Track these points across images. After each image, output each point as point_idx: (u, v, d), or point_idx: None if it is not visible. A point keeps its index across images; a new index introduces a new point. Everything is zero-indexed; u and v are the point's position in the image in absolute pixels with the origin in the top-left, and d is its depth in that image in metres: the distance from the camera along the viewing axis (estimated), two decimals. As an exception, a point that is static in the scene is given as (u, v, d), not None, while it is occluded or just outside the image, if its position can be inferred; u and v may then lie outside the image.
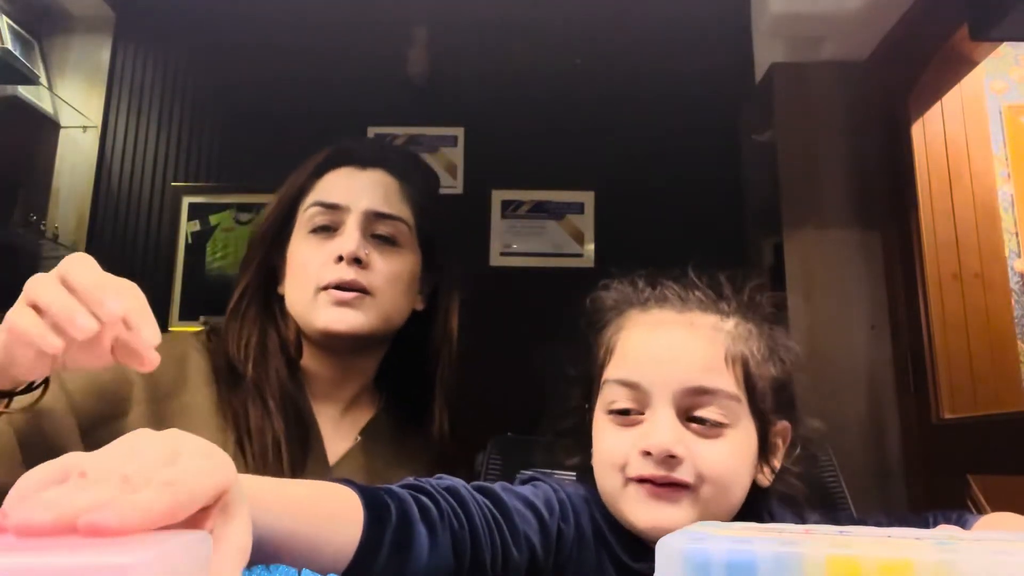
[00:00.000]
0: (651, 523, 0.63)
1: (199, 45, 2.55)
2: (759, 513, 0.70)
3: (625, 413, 0.67)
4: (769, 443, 0.70)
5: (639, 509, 0.64)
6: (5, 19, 2.17)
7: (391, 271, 0.97)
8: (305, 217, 0.98)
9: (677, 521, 0.62)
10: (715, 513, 0.64)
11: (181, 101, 2.53)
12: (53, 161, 2.42)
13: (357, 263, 0.94)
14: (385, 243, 0.98)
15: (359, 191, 0.98)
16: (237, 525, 0.36)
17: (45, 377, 0.67)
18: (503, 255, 2.42)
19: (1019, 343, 2.19)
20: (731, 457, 0.65)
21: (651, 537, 0.65)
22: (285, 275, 1.00)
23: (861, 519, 0.76)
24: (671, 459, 0.64)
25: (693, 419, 0.65)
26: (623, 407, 0.67)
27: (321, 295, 0.93)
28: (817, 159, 2.07)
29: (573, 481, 0.75)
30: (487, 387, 2.18)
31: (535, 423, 0.92)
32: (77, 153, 2.44)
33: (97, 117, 2.46)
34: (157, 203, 2.47)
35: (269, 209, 1.03)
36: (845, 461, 1.02)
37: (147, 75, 2.54)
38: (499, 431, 1.11)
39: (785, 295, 1.95)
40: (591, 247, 2.41)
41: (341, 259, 0.93)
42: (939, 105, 2.11)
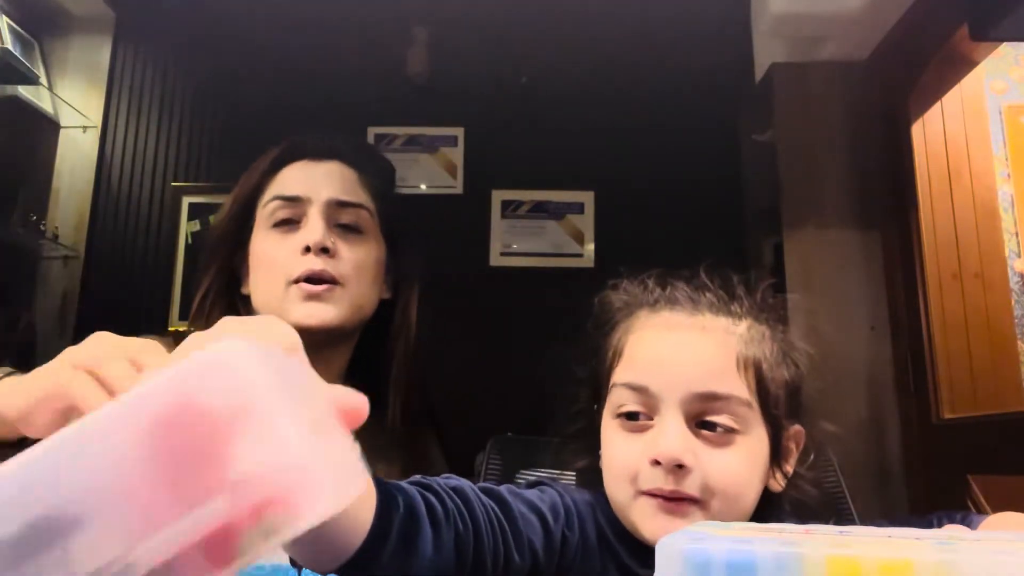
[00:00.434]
0: (662, 536, 0.62)
1: (199, 45, 2.55)
2: (770, 519, 0.69)
3: (634, 417, 0.66)
4: (782, 447, 0.69)
5: (649, 522, 0.64)
6: (5, 19, 2.17)
7: (358, 259, 0.96)
8: (265, 213, 0.98)
9: None
10: (727, 520, 0.63)
11: (181, 101, 2.53)
12: (53, 161, 2.42)
13: (325, 252, 0.93)
14: (349, 232, 0.98)
15: (318, 182, 0.98)
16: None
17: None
18: (503, 255, 2.42)
19: (1019, 343, 2.18)
20: (741, 466, 0.64)
21: None
22: (248, 275, 0.99)
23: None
24: (680, 468, 0.62)
25: (703, 424, 0.64)
26: (631, 410, 0.66)
27: (292, 289, 0.92)
28: (817, 159, 2.07)
29: (577, 487, 0.74)
30: (487, 387, 2.19)
31: (535, 423, 0.92)
32: (77, 153, 2.44)
33: (97, 117, 2.46)
34: (157, 203, 2.47)
35: (225, 209, 1.02)
36: (845, 461, 1.02)
37: (147, 75, 2.54)
38: (499, 431, 1.11)
39: (796, 298, 1.95)
40: (591, 247, 2.41)
41: (308, 250, 0.93)
42: (939, 105, 2.11)
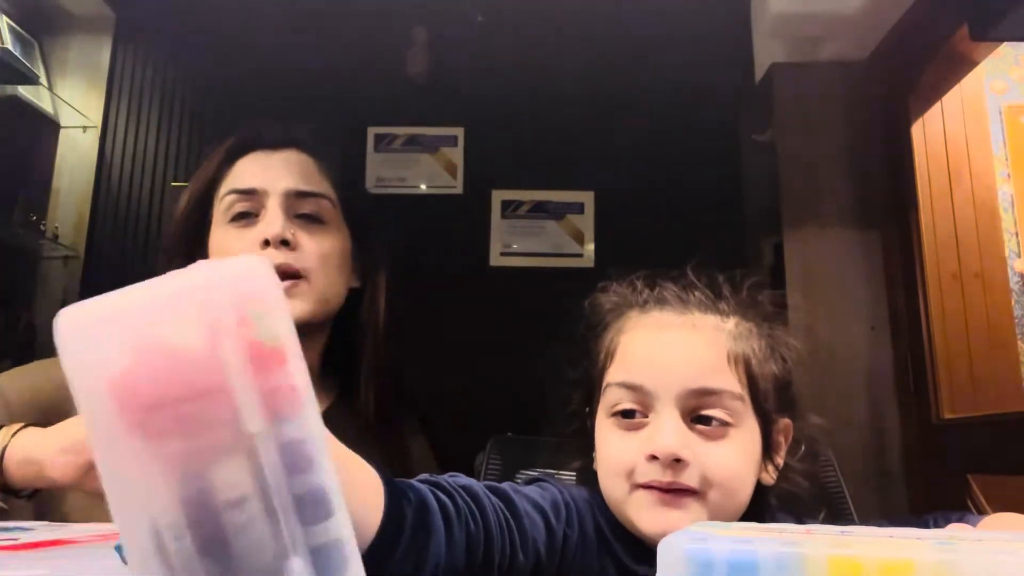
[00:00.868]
0: (659, 529, 0.62)
1: (199, 45, 2.55)
2: (763, 512, 0.70)
3: (629, 415, 0.67)
4: (772, 441, 0.70)
5: (646, 515, 0.64)
6: (5, 19, 2.17)
7: (321, 250, 0.93)
8: (222, 207, 0.94)
9: (685, 527, 0.62)
10: (722, 515, 0.64)
11: (181, 101, 2.53)
12: (53, 161, 2.42)
13: (285, 245, 0.90)
14: (310, 222, 0.95)
15: (275, 173, 0.95)
16: None
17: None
18: (503, 255, 2.42)
19: (1019, 343, 2.19)
20: (737, 459, 0.65)
21: (658, 542, 0.65)
22: None
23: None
24: (677, 463, 0.63)
25: (698, 420, 0.65)
26: (627, 408, 0.67)
27: None
28: (817, 159, 2.07)
29: (576, 483, 0.74)
30: (487, 387, 2.19)
31: (535, 423, 0.92)
32: (77, 153, 2.44)
33: (97, 117, 2.46)
34: (157, 203, 2.46)
35: (181, 205, 0.98)
36: (845, 461, 1.02)
37: (147, 75, 2.54)
38: (499, 431, 1.11)
39: (784, 293, 1.95)
40: (591, 247, 2.41)
41: (267, 244, 0.90)
42: (939, 105, 2.11)
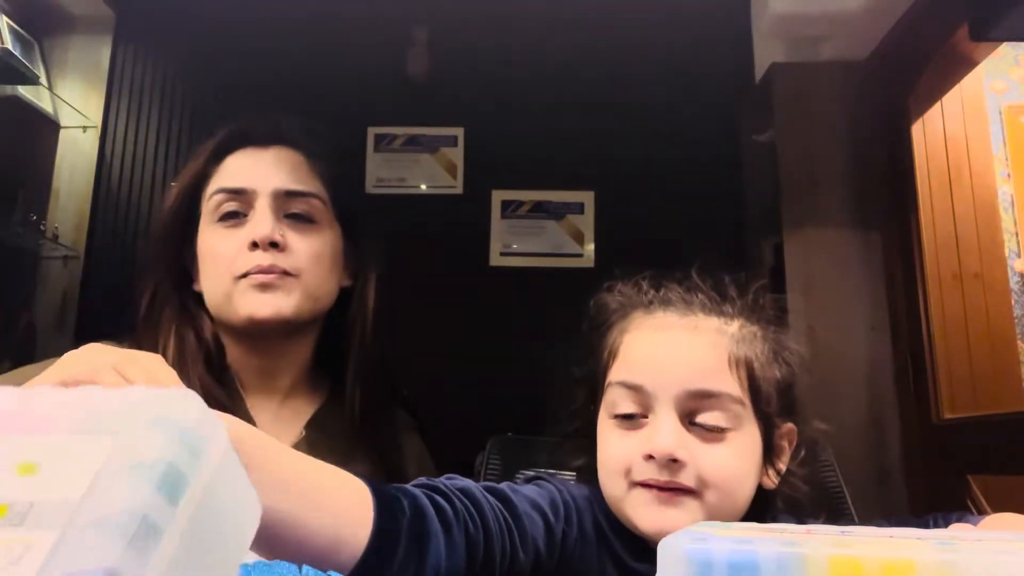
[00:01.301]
0: (656, 527, 0.63)
1: (199, 45, 2.55)
2: (764, 516, 0.70)
3: (629, 417, 0.67)
4: (774, 445, 0.70)
5: (644, 513, 0.64)
6: (5, 19, 2.17)
7: (311, 250, 0.92)
8: (210, 206, 0.92)
9: (682, 525, 0.62)
10: (720, 516, 0.64)
11: (181, 101, 2.53)
12: (53, 161, 2.42)
13: (274, 247, 0.88)
14: (301, 222, 0.93)
15: (265, 171, 0.92)
16: None
17: None
18: (503, 255, 2.42)
19: (1019, 343, 2.19)
20: (734, 461, 0.65)
21: (656, 541, 0.65)
22: (198, 271, 0.93)
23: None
24: (674, 463, 0.63)
25: (696, 423, 0.65)
26: (626, 411, 0.67)
27: (240, 283, 0.88)
28: (817, 159, 2.07)
29: (576, 482, 0.75)
30: (487, 387, 2.19)
31: (535, 423, 0.92)
32: (77, 153, 2.44)
33: (97, 117, 2.46)
34: (157, 203, 2.46)
35: (168, 203, 0.96)
36: (845, 461, 1.02)
37: (147, 75, 2.54)
38: (499, 431, 1.11)
39: (788, 298, 1.95)
40: (591, 247, 2.41)
41: (255, 245, 0.88)
42: (939, 105, 2.11)
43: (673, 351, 0.68)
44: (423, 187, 2.48)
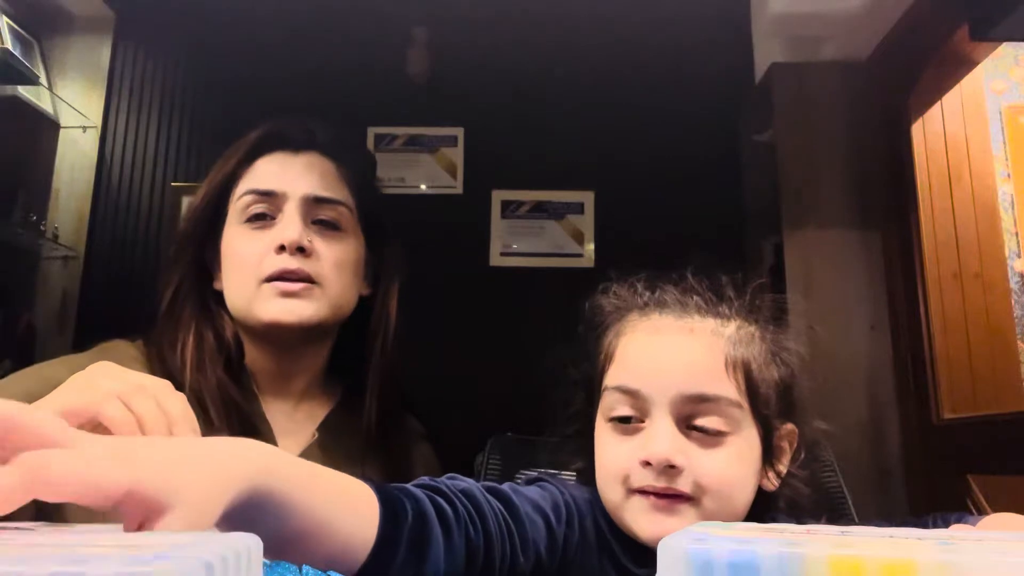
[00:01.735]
0: (654, 534, 0.63)
1: (199, 45, 2.55)
2: (764, 518, 0.69)
3: (626, 421, 0.67)
4: (774, 447, 0.69)
5: (642, 520, 0.64)
6: (5, 19, 2.17)
7: (336, 258, 0.92)
8: (238, 206, 0.92)
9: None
10: (719, 520, 0.64)
11: (181, 101, 2.54)
12: (53, 161, 2.42)
13: (300, 252, 0.89)
14: (327, 229, 0.93)
15: (295, 176, 0.93)
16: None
17: None
18: (503, 255, 2.42)
19: (1019, 343, 2.19)
20: (732, 466, 0.65)
21: (655, 547, 0.65)
22: (220, 269, 0.94)
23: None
24: (671, 469, 0.63)
25: (693, 427, 0.65)
26: (623, 414, 0.67)
27: (265, 287, 0.88)
28: (817, 159, 2.07)
29: (577, 483, 0.74)
30: (487, 387, 2.19)
31: (535, 423, 0.92)
32: (77, 153, 2.44)
33: (97, 117, 2.46)
34: (157, 203, 2.46)
35: (196, 200, 0.96)
36: (845, 461, 1.02)
37: (147, 75, 2.54)
38: (499, 431, 1.11)
39: (787, 297, 1.95)
40: (591, 247, 2.41)
41: (283, 249, 0.88)
42: (939, 105, 2.11)
43: (669, 355, 0.67)
44: (423, 187, 2.48)
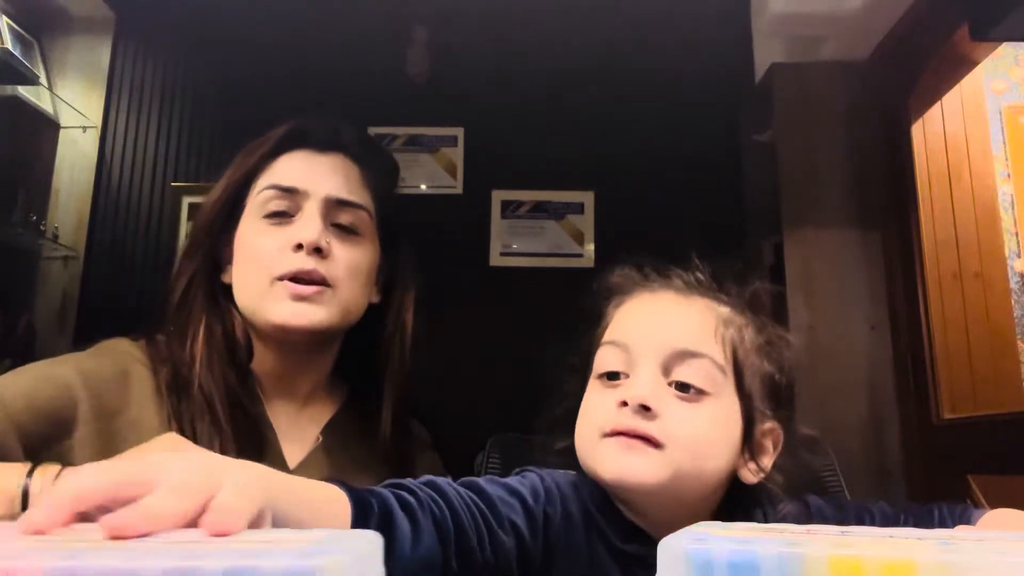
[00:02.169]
0: (617, 473, 0.63)
1: (199, 45, 2.55)
2: (738, 509, 0.69)
3: (613, 376, 0.68)
4: (756, 440, 0.69)
5: (608, 460, 0.65)
6: (5, 19, 2.17)
7: (352, 262, 0.90)
8: (258, 201, 0.91)
9: (643, 474, 0.62)
10: (686, 479, 0.64)
11: (181, 101, 2.54)
12: (53, 161, 2.42)
13: (317, 252, 0.87)
14: (345, 232, 0.91)
15: (319, 176, 0.91)
16: None
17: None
18: (503, 255, 2.42)
19: (1019, 343, 2.19)
20: (706, 424, 0.65)
21: (617, 491, 0.66)
22: (231, 263, 0.92)
23: (864, 506, 0.76)
24: (645, 411, 0.64)
25: (677, 384, 0.66)
26: (611, 369, 0.68)
27: (277, 286, 0.86)
28: (817, 159, 2.07)
29: (560, 466, 0.75)
30: (487, 387, 2.19)
31: (535, 423, 0.92)
32: (77, 153, 2.44)
33: (97, 117, 2.46)
34: (157, 203, 2.47)
35: (215, 192, 0.94)
36: (845, 461, 1.02)
37: (147, 75, 2.55)
38: (499, 431, 1.11)
39: (783, 290, 1.95)
40: (591, 247, 2.42)
41: (300, 247, 0.86)
42: (939, 105, 2.11)
43: (662, 315, 0.71)
44: (423, 187, 2.48)
